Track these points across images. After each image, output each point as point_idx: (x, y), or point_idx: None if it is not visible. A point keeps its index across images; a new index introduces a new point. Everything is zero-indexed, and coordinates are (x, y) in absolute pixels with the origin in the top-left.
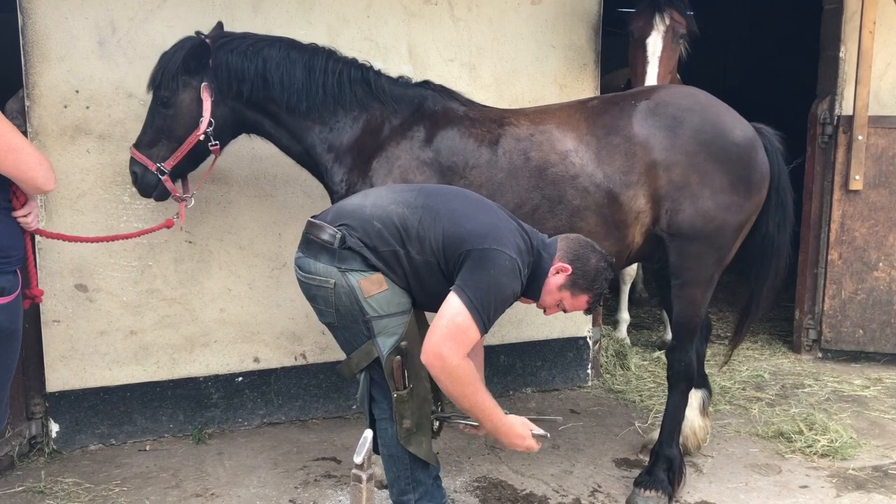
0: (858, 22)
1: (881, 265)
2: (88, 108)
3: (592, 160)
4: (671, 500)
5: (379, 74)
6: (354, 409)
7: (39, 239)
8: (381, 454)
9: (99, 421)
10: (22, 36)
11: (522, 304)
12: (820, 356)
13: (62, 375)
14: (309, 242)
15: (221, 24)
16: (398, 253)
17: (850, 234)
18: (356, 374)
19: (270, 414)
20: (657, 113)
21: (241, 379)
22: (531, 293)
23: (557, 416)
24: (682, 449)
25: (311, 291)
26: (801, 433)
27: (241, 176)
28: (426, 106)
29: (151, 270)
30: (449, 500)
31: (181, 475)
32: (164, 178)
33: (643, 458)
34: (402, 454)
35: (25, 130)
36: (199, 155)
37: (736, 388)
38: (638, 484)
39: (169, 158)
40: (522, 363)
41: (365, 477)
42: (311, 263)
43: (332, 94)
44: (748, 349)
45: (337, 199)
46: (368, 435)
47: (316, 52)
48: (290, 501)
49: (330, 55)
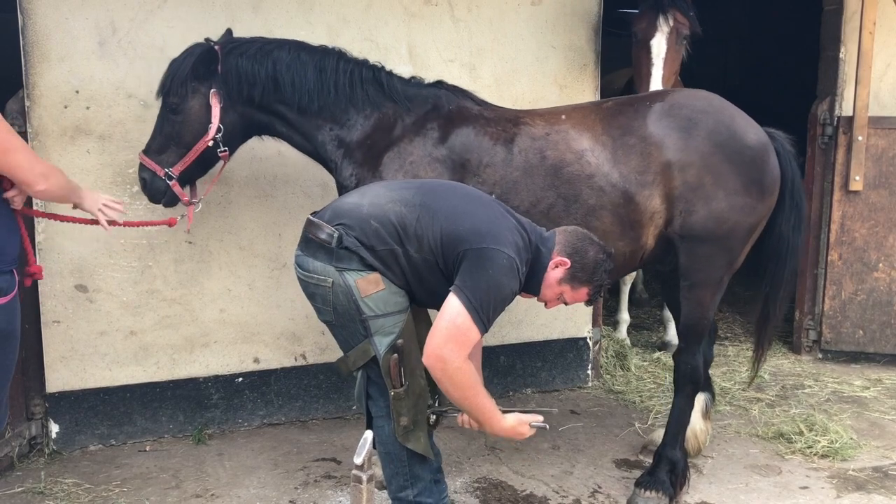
0: (858, 23)
1: (881, 266)
2: (89, 108)
3: (608, 160)
4: (672, 501)
5: (391, 75)
6: (354, 409)
7: (40, 239)
8: (378, 451)
9: (99, 421)
10: (22, 36)
11: (523, 299)
12: (820, 357)
13: (62, 376)
14: (308, 241)
15: (230, 30)
16: (396, 252)
17: (850, 234)
18: (353, 371)
19: (270, 414)
20: (672, 114)
21: (241, 379)
22: (531, 288)
23: (557, 415)
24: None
25: (310, 290)
26: (801, 434)
27: (241, 176)
28: (440, 105)
29: (151, 271)
30: (448, 497)
31: (181, 476)
32: (171, 183)
33: (643, 458)
34: (399, 451)
35: (25, 131)
36: (207, 161)
37: (736, 388)
38: (639, 484)
39: (177, 164)
40: (522, 364)
41: (365, 478)
42: (309, 262)
43: (343, 93)
44: (748, 350)
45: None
46: (368, 436)
47: (327, 52)
48: (290, 502)
49: (341, 56)
